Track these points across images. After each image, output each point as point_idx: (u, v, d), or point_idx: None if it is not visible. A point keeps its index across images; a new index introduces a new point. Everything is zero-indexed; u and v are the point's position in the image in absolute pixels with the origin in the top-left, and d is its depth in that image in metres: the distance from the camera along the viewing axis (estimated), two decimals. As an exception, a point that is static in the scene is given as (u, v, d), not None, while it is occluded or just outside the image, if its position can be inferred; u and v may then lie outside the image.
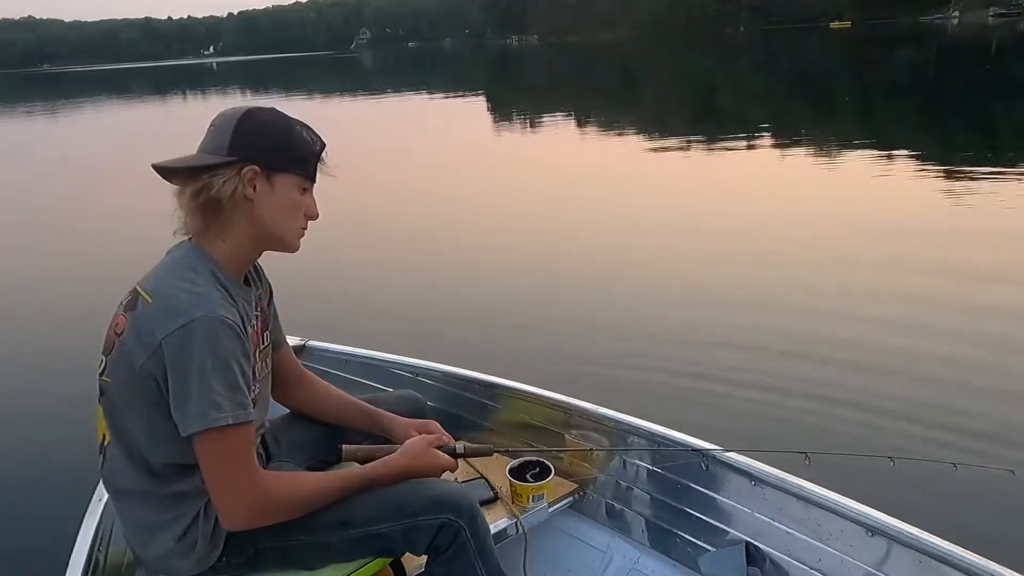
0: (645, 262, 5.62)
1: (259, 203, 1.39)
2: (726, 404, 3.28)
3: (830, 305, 4.34)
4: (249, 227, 1.41)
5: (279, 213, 1.41)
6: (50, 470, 3.14)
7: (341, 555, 1.51)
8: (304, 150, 1.43)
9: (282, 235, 1.44)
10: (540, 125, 15.81)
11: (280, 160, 1.40)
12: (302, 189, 1.44)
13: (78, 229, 8.20)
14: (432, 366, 2.33)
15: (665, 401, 3.32)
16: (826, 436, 2.96)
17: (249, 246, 1.44)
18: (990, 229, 5.77)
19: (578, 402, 2.05)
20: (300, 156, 1.42)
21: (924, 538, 1.45)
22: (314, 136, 1.45)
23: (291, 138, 1.42)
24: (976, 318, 4.06)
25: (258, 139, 1.38)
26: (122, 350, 1.34)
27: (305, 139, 1.43)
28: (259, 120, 1.40)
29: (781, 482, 1.67)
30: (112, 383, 1.37)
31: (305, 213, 1.46)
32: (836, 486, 1.63)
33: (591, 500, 2.05)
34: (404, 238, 6.83)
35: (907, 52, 29.82)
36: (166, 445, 1.35)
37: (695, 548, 1.84)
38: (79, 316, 5.08)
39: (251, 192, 1.38)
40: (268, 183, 1.39)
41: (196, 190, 1.36)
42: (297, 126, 1.43)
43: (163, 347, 1.27)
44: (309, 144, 1.44)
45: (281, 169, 1.40)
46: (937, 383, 3.36)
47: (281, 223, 1.43)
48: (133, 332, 1.32)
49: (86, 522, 1.68)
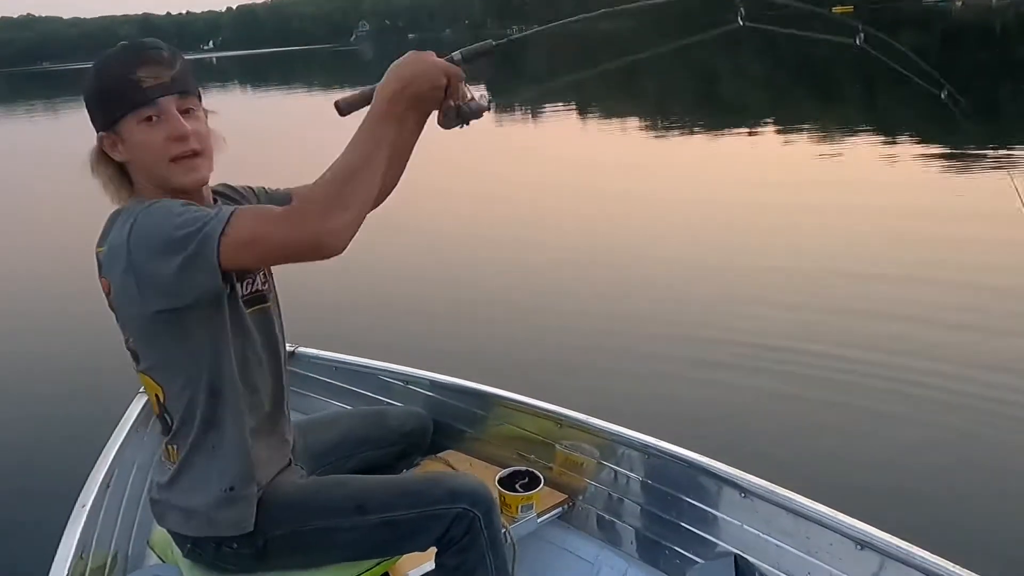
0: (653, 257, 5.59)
1: (132, 159, 1.35)
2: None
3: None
4: (147, 181, 1.37)
5: (144, 160, 1.33)
6: (32, 476, 3.14)
7: (351, 547, 1.51)
8: (119, 84, 1.30)
9: (161, 178, 1.34)
10: (549, 117, 15.70)
11: (107, 113, 1.32)
12: (145, 119, 1.30)
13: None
14: (422, 374, 2.31)
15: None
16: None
17: (164, 191, 1.36)
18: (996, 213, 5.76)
19: (569, 412, 2.03)
20: (118, 95, 1.30)
21: (915, 552, 1.44)
22: (128, 56, 1.32)
23: (102, 83, 1.32)
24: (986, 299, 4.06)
25: (86, 103, 1.35)
26: (120, 303, 1.34)
27: (116, 72, 1.31)
28: (87, 84, 1.34)
29: (771, 494, 1.66)
30: (136, 340, 1.38)
31: (167, 138, 1.31)
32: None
33: (580, 511, 2.03)
34: (403, 239, 6.80)
35: (911, 36, 29.57)
36: (205, 372, 1.36)
37: (684, 560, 1.82)
38: (73, 315, 5.10)
39: (119, 155, 1.34)
40: (120, 138, 1.33)
41: (94, 173, 1.37)
42: (106, 61, 1.33)
43: (132, 249, 1.25)
44: (119, 75, 1.30)
45: (114, 120, 1.31)
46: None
47: (152, 169, 1.34)
48: (117, 276, 1.30)
49: (68, 529, 1.66)
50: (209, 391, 1.39)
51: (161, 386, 1.41)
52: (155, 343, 1.37)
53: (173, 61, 1.33)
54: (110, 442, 2.00)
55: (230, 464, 1.43)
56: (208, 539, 1.45)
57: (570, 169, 8.96)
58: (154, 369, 1.41)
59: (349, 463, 1.86)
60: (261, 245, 1.24)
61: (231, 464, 1.43)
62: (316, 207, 1.21)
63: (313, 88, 30.52)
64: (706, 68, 22.70)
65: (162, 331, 1.34)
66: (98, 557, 1.70)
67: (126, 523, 1.91)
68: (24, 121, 26.87)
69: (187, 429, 1.42)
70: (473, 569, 1.50)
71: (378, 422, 1.96)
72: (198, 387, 1.39)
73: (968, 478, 2.69)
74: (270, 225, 1.23)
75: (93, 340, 4.27)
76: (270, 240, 1.23)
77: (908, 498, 2.56)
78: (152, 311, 1.30)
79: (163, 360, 1.39)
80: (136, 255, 1.26)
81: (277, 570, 1.50)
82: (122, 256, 1.27)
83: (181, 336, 1.34)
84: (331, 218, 1.20)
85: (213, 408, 1.40)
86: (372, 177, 1.24)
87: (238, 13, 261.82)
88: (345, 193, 1.21)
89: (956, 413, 3.05)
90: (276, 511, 1.46)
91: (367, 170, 1.24)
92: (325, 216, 1.20)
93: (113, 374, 2.49)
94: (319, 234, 1.20)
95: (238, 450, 1.43)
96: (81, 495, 1.75)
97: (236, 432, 1.43)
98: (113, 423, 2.07)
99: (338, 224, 1.20)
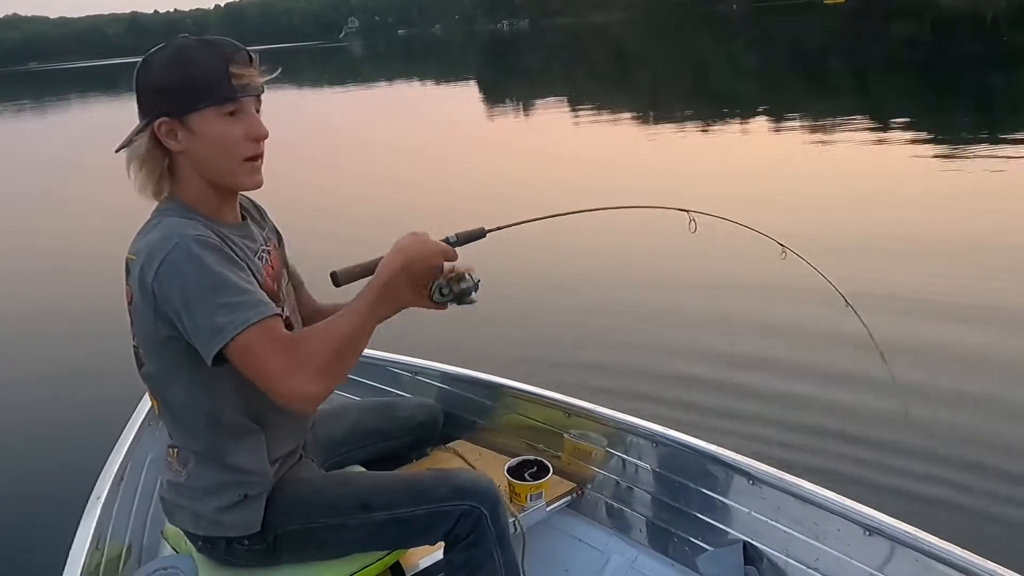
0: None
1: (190, 150, 1.32)
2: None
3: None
4: (196, 175, 1.35)
5: (212, 154, 1.32)
6: (47, 468, 3.15)
7: (360, 542, 1.51)
8: (208, 74, 1.28)
9: (223, 174, 1.34)
10: (541, 112, 15.67)
11: (184, 101, 1.28)
12: (227, 115, 1.30)
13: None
14: (431, 365, 2.32)
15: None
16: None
17: (209, 190, 1.36)
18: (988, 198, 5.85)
19: (577, 401, 2.04)
20: (204, 86, 1.28)
21: (923, 537, 1.44)
22: (218, 50, 1.29)
23: (187, 71, 1.28)
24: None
25: (156, 89, 1.30)
26: (136, 316, 1.34)
27: (205, 62, 1.28)
28: (154, 66, 1.30)
29: (779, 481, 1.66)
30: (145, 352, 1.38)
31: (245, 136, 1.32)
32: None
33: (589, 499, 2.05)
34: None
35: (902, 25, 29.60)
36: (206, 400, 1.36)
37: (693, 548, 1.83)
38: (75, 316, 5.09)
39: (176, 144, 1.31)
40: (186, 128, 1.30)
41: (131, 159, 1.32)
42: (191, 51, 1.29)
43: (156, 293, 1.26)
44: (210, 66, 1.28)
45: (189, 110, 1.29)
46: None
47: (217, 163, 1.33)
48: (137, 293, 1.31)
49: (83, 521, 1.67)
50: (210, 406, 1.39)
51: (162, 397, 1.42)
52: (162, 355, 1.37)
53: (259, 64, 1.35)
54: (122, 436, 2.01)
55: (242, 474, 1.42)
56: (219, 537, 1.46)
57: (564, 163, 8.97)
58: (155, 379, 1.41)
59: (359, 455, 1.87)
60: (255, 369, 1.26)
61: (243, 474, 1.42)
62: (315, 378, 1.26)
63: (303, 85, 30.35)
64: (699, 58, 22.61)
65: (174, 350, 1.34)
66: (113, 548, 1.71)
67: (140, 515, 1.92)
68: (12, 120, 26.67)
69: (194, 437, 1.42)
70: (481, 565, 1.50)
71: (388, 413, 1.97)
72: (197, 403, 1.38)
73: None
74: (273, 364, 1.25)
75: (103, 336, 4.26)
76: (265, 373, 1.26)
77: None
78: (165, 335, 1.31)
79: (167, 374, 1.39)
80: (159, 297, 1.27)
81: (289, 564, 1.51)
82: (146, 285, 1.28)
83: (186, 352, 1.33)
84: (321, 390, 1.27)
85: (219, 418, 1.40)
86: (361, 350, 1.33)
87: (226, 11, 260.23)
88: (337, 369, 1.29)
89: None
90: (285, 507, 1.46)
91: (361, 343, 1.32)
92: (320, 388, 1.27)
93: (123, 371, 2.49)
94: (304, 399, 1.27)
95: (249, 458, 1.42)
96: (95, 487, 1.76)
97: (246, 440, 1.42)
98: (125, 418, 2.08)
99: (322, 395, 1.28)
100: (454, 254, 1.41)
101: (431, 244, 1.39)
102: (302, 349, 1.27)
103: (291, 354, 1.26)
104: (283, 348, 1.26)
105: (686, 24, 55.22)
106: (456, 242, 1.45)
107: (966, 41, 21.46)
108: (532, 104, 16.88)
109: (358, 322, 1.31)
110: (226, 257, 1.29)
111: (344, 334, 1.29)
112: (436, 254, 1.38)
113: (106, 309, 4.94)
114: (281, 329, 1.29)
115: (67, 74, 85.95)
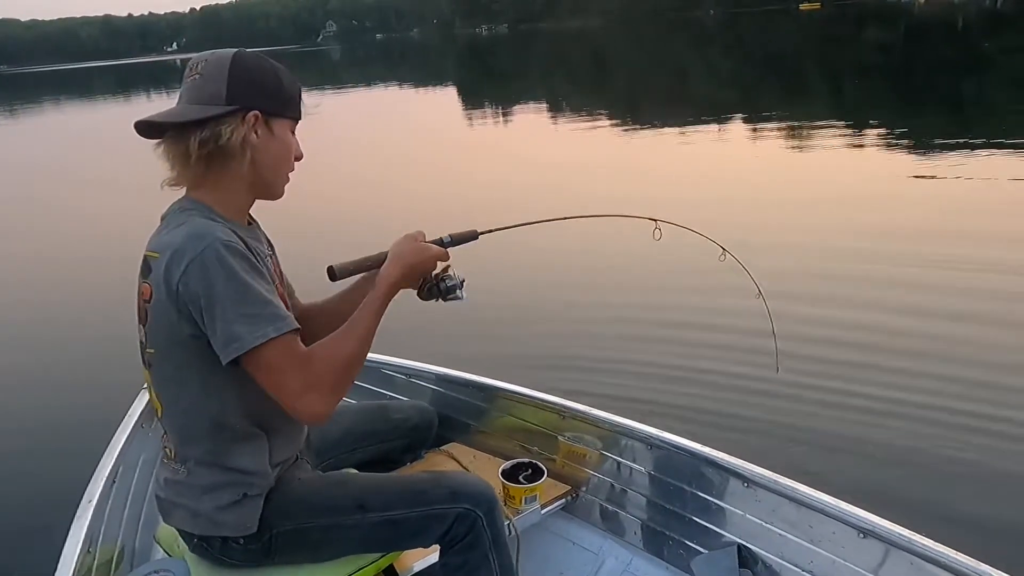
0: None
1: (260, 149, 1.38)
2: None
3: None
4: (247, 174, 1.39)
5: (277, 158, 1.42)
6: (38, 471, 3.12)
7: (354, 543, 1.51)
8: (292, 91, 1.44)
9: (274, 180, 1.44)
10: (519, 117, 15.68)
11: (276, 104, 1.40)
12: (293, 131, 1.45)
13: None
14: (425, 368, 2.31)
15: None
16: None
17: (243, 192, 1.42)
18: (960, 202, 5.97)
19: (571, 404, 2.04)
20: (290, 97, 1.43)
21: (916, 540, 1.45)
22: (292, 76, 1.46)
23: (280, 80, 1.42)
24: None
25: (253, 84, 1.37)
26: (155, 315, 1.34)
27: (289, 80, 1.44)
28: (249, 64, 1.38)
29: (774, 484, 1.67)
30: (157, 353, 1.38)
31: (293, 154, 1.47)
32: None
33: (584, 502, 2.05)
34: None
35: (875, 32, 30.10)
36: (215, 403, 1.37)
37: (688, 550, 1.84)
38: (73, 321, 5.01)
39: (254, 138, 1.37)
40: (268, 128, 1.39)
41: (202, 140, 1.33)
42: (279, 67, 1.44)
43: (180, 291, 1.27)
44: (293, 84, 1.45)
45: (277, 113, 1.41)
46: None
47: (277, 168, 1.43)
48: (157, 291, 1.32)
49: (75, 524, 1.65)
50: (218, 410, 1.38)
51: (170, 398, 1.41)
52: (179, 356, 1.36)
53: None
54: (115, 438, 1.98)
55: (243, 475, 1.42)
56: (215, 536, 1.45)
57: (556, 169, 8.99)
58: (165, 380, 1.40)
59: (353, 457, 1.87)
60: (269, 382, 1.31)
61: (244, 475, 1.42)
62: (328, 398, 1.34)
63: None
64: (676, 64, 22.81)
65: (192, 350, 1.34)
66: (105, 551, 1.68)
67: (132, 518, 1.89)
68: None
69: (197, 439, 1.41)
70: (477, 568, 1.50)
71: (382, 416, 1.97)
72: (206, 406, 1.38)
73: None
74: (289, 381, 1.30)
75: (96, 336, 4.21)
76: (279, 387, 1.31)
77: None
78: (187, 334, 1.32)
79: (179, 375, 1.38)
80: (184, 295, 1.28)
81: (283, 564, 1.50)
82: (172, 283, 1.29)
83: (204, 353, 1.33)
84: (332, 409, 1.36)
85: (225, 422, 1.39)
86: (364, 360, 1.43)
87: (202, 14, 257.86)
88: (347, 386, 1.39)
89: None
90: (281, 508, 1.46)
91: (366, 355, 1.42)
92: (331, 407, 1.35)
93: (116, 374, 2.44)
94: (316, 417, 1.35)
95: (251, 461, 1.42)
96: (87, 490, 1.73)
97: (250, 444, 1.42)
98: (117, 420, 2.05)
99: (332, 413, 1.36)
100: (446, 256, 1.54)
101: (426, 252, 1.51)
102: (315, 368, 1.33)
103: (305, 373, 1.31)
104: (299, 366, 1.31)
105: (664, 30, 55.72)
106: (450, 243, 1.56)
107: (939, 47, 21.88)
108: (510, 109, 16.91)
109: (365, 336, 1.40)
110: (251, 264, 1.33)
111: (353, 353, 1.38)
112: (430, 259, 1.51)
113: (98, 312, 4.77)
114: (298, 346, 1.33)
115: (39, 78, 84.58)
